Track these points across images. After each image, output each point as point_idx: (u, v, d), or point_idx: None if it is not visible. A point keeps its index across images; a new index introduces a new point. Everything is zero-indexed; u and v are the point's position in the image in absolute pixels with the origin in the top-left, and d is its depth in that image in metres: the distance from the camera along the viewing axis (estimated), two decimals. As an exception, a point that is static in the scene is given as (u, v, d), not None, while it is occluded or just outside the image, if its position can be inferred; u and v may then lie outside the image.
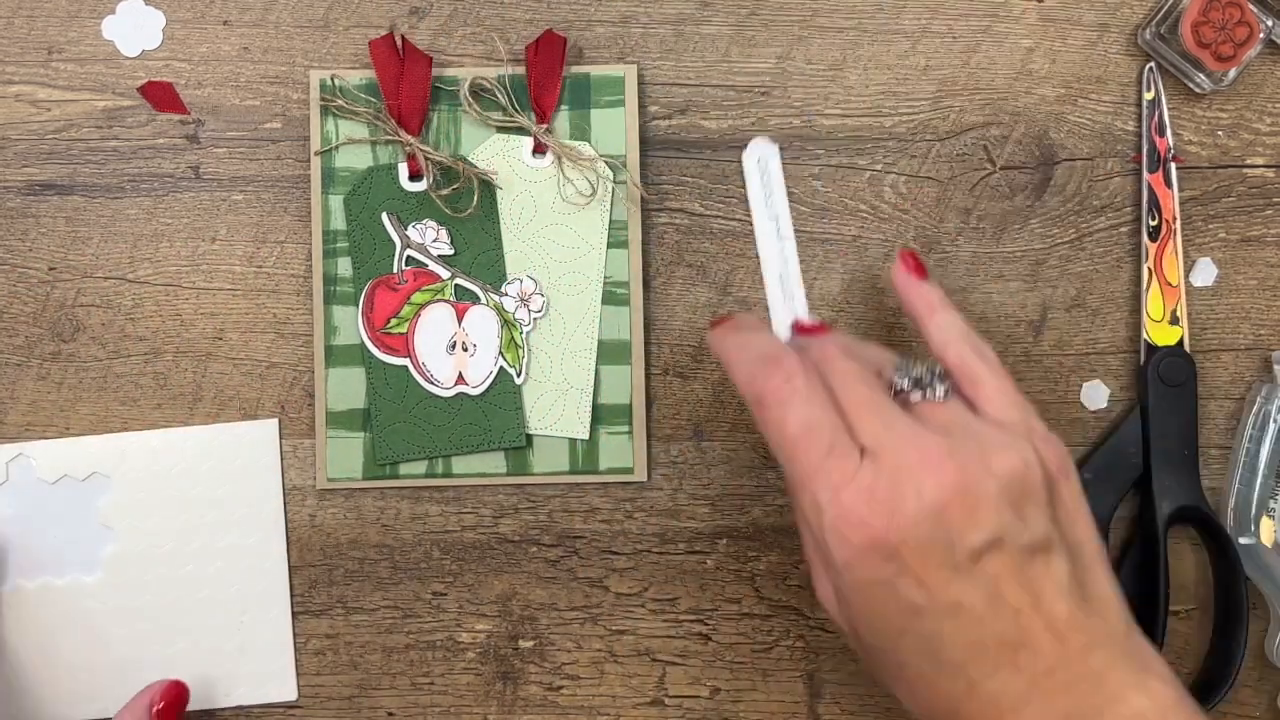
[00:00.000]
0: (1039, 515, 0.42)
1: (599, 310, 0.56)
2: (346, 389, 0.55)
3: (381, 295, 0.55)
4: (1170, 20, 0.56)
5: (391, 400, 0.55)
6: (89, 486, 0.56)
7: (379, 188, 0.55)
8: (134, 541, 0.56)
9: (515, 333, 0.56)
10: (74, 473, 0.56)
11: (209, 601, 0.56)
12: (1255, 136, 0.58)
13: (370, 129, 0.55)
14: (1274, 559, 0.56)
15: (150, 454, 0.56)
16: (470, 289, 0.56)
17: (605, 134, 0.56)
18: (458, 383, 0.55)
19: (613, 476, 0.56)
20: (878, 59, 0.57)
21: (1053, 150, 0.57)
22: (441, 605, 0.56)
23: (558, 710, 0.56)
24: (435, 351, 0.55)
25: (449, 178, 0.55)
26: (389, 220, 0.55)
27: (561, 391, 0.56)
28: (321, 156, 0.55)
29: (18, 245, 0.56)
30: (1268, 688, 0.57)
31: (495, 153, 0.56)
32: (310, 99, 0.55)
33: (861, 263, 0.57)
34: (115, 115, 0.56)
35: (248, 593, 0.56)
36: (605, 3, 0.57)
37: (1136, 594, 0.56)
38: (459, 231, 0.56)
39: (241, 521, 0.56)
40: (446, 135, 0.56)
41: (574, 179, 0.55)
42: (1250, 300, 0.58)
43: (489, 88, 0.55)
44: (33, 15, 0.56)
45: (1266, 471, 0.56)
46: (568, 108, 0.56)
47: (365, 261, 0.55)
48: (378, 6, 0.56)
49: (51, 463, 0.56)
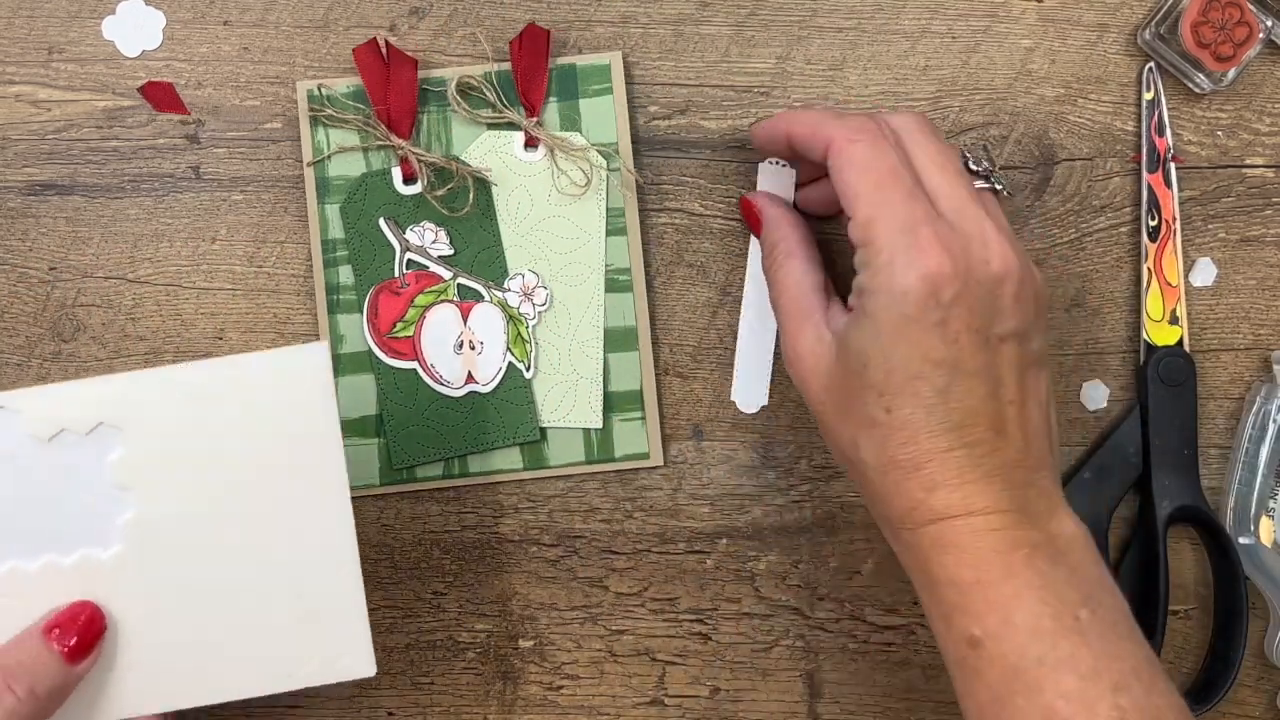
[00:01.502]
0: (1046, 331, 0.48)
1: (603, 299, 0.56)
2: (357, 396, 0.55)
3: (385, 300, 0.55)
4: (1170, 20, 0.56)
5: (403, 404, 0.55)
6: (95, 441, 0.47)
7: (374, 193, 0.55)
8: (157, 505, 0.47)
9: (521, 327, 0.56)
10: (74, 426, 0.47)
11: (259, 570, 0.47)
12: (1255, 136, 0.58)
13: (361, 135, 0.55)
14: (1274, 559, 0.56)
15: (171, 396, 0.47)
16: (473, 287, 0.56)
17: (595, 123, 0.56)
18: (468, 382, 0.55)
19: (630, 463, 0.56)
20: (877, 59, 0.57)
21: (1053, 150, 0.57)
22: (441, 605, 0.56)
23: (558, 710, 0.56)
24: (443, 352, 0.55)
25: (443, 178, 0.55)
26: (387, 225, 0.55)
27: (572, 382, 0.56)
28: (315, 166, 0.55)
29: (18, 245, 0.56)
30: (1268, 688, 0.57)
31: (487, 150, 0.56)
32: (299, 110, 0.55)
33: (861, 263, 0.57)
34: (115, 115, 0.56)
35: (306, 555, 0.48)
36: (605, 3, 0.57)
37: (1137, 594, 0.56)
38: (457, 231, 0.56)
39: (291, 470, 0.47)
40: (438, 136, 0.56)
41: (568, 170, 0.55)
42: (1250, 300, 0.58)
43: (476, 86, 0.55)
44: (33, 15, 0.56)
45: (1266, 471, 0.56)
46: (556, 99, 0.56)
47: (366, 268, 0.55)
48: (378, 6, 0.56)
49: (41, 415, 0.46)
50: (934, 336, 0.45)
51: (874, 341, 0.45)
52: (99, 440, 0.47)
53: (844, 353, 0.47)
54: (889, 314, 0.45)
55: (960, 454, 0.45)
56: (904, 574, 0.47)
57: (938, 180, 0.47)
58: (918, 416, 0.45)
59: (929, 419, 0.45)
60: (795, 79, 0.57)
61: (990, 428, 0.45)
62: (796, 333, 0.49)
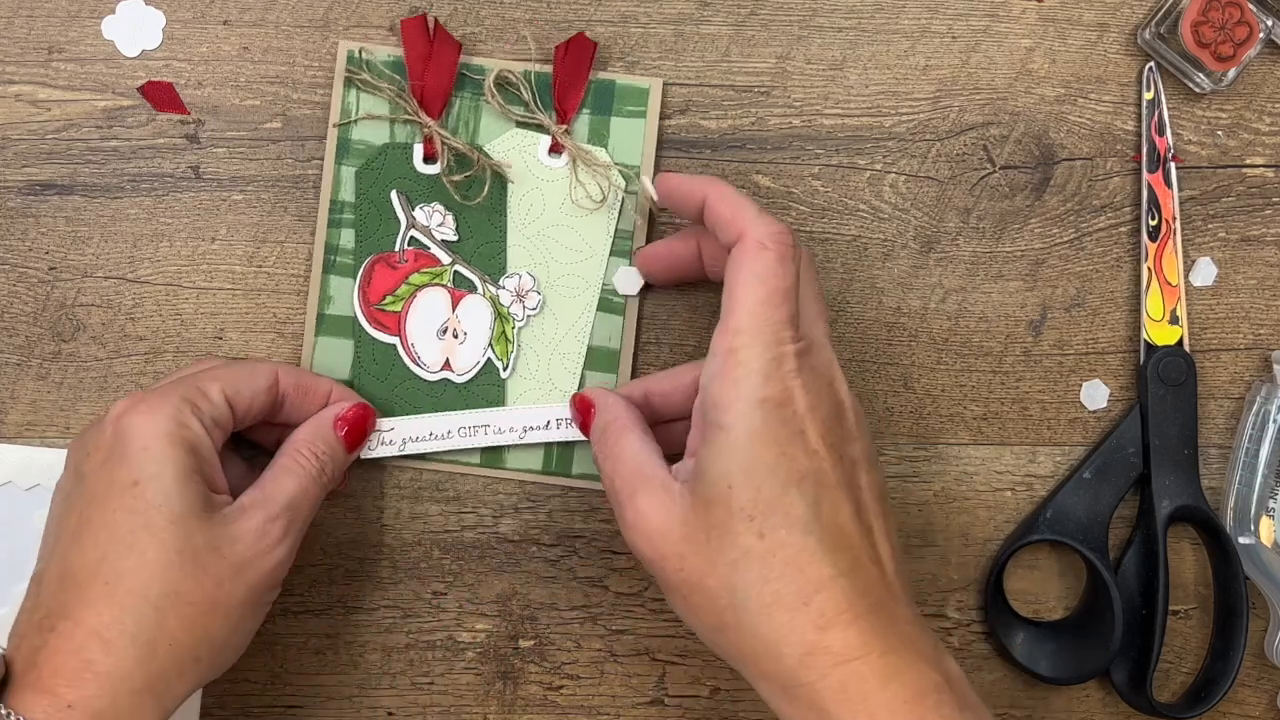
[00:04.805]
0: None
1: (593, 316, 0.56)
2: (332, 359, 0.55)
3: (380, 271, 0.55)
4: (1170, 20, 0.56)
5: (376, 377, 0.55)
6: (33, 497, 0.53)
7: (392, 165, 0.55)
8: None
9: (507, 327, 0.56)
10: (19, 480, 0.53)
11: None
12: (1255, 136, 0.58)
13: (391, 107, 0.55)
14: (1274, 559, 0.56)
15: None
16: (469, 277, 0.56)
17: (622, 143, 0.56)
18: (443, 368, 0.55)
19: (582, 482, 0.56)
20: (877, 59, 0.57)
21: (1052, 150, 0.57)
22: (441, 605, 0.56)
23: (558, 710, 0.56)
24: (426, 334, 0.55)
25: (462, 165, 0.55)
26: (398, 199, 0.55)
27: (545, 391, 0.55)
28: (339, 127, 0.55)
29: (18, 245, 0.56)
30: (1268, 687, 0.57)
31: (511, 147, 0.56)
32: (336, 69, 0.55)
33: (861, 263, 0.57)
34: (115, 115, 0.56)
35: None
36: (605, 3, 0.57)
37: (1136, 593, 0.56)
38: (465, 219, 0.56)
39: None
40: (466, 123, 0.56)
41: (586, 183, 0.55)
42: (1250, 300, 0.58)
43: (514, 82, 0.55)
44: (33, 15, 0.56)
45: (1266, 471, 0.56)
46: (589, 112, 0.56)
47: (369, 236, 0.55)
48: (377, 6, 0.56)
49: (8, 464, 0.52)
50: (796, 447, 0.43)
51: (734, 457, 0.43)
52: (35, 498, 0.52)
53: (702, 485, 0.44)
54: (748, 423, 0.43)
55: (844, 583, 0.42)
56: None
57: (813, 315, 0.47)
58: (794, 537, 0.43)
59: (806, 539, 0.43)
60: (795, 79, 0.57)
61: (863, 552, 0.43)
62: (635, 495, 0.46)
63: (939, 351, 0.57)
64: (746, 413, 0.43)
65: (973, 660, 0.57)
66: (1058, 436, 0.57)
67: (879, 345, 0.57)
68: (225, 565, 0.46)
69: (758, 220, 0.46)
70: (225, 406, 0.49)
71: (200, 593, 0.45)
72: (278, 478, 0.49)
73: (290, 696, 0.56)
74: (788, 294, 0.45)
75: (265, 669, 0.56)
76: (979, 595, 0.57)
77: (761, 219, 0.46)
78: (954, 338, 0.57)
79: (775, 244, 0.45)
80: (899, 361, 0.57)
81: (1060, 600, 0.57)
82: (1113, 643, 0.54)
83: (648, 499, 0.46)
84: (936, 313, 0.57)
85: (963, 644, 0.57)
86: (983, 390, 0.57)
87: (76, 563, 0.45)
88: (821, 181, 0.57)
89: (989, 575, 0.56)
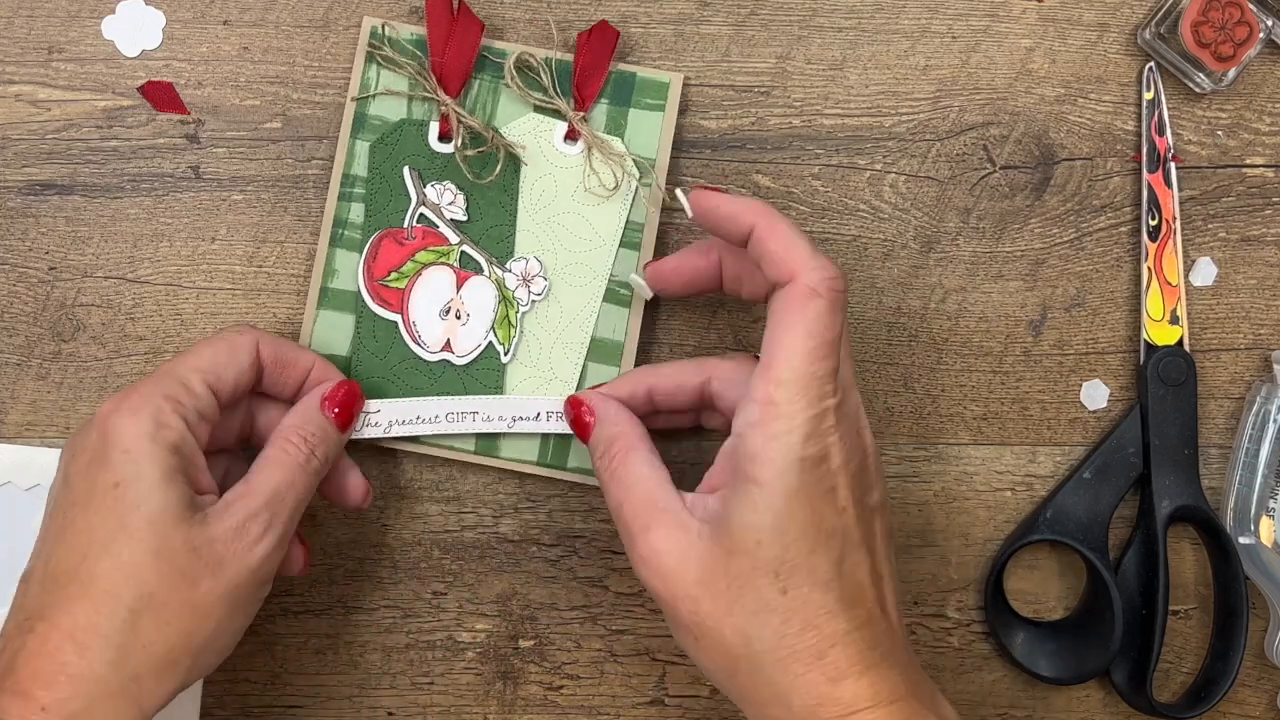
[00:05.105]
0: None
1: (599, 307, 0.56)
2: (333, 334, 0.55)
3: (387, 247, 0.55)
4: (1170, 20, 0.56)
5: (375, 354, 0.55)
6: (33, 498, 0.52)
7: (407, 141, 0.55)
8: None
9: (511, 311, 0.55)
10: (19, 480, 0.53)
11: None
12: (1255, 136, 0.58)
13: (410, 84, 0.55)
14: (1274, 559, 0.56)
15: None
16: (475, 258, 0.55)
17: (639, 135, 0.55)
18: (444, 349, 0.55)
19: (577, 476, 0.55)
20: (877, 59, 0.57)
21: (1053, 150, 0.57)
22: (441, 605, 0.56)
23: (558, 710, 0.56)
24: (428, 314, 0.55)
25: (477, 143, 0.55)
26: (410, 175, 0.55)
27: (545, 379, 0.55)
28: (356, 101, 0.55)
29: (18, 245, 0.56)
30: (1268, 687, 0.57)
31: (528, 130, 0.55)
32: (359, 43, 0.55)
33: (861, 263, 0.57)
34: (115, 115, 0.56)
35: None
36: (605, 3, 0.57)
37: (1136, 593, 0.56)
38: (476, 200, 0.55)
39: None
40: (484, 105, 0.55)
41: (600, 171, 0.55)
42: (1250, 300, 0.58)
43: (535, 66, 0.55)
44: (33, 15, 0.56)
45: (1266, 471, 0.56)
46: (608, 102, 0.55)
47: (378, 211, 0.55)
48: (377, 7, 0.56)
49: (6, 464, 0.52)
50: (827, 505, 0.43)
51: (767, 514, 0.42)
52: (35, 498, 0.52)
53: (727, 536, 0.43)
54: (785, 483, 0.42)
55: (858, 637, 0.43)
56: (903, 573, 0.47)
57: (844, 354, 0.45)
58: (815, 595, 0.42)
59: (826, 597, 0.42)
60: (795, 79, 0.57)
61: (875, 604, 0.44)
62: (649, 530, 0.45)
63: (939, 351, 0.57)
64: (785, 471, 0.42)
65: (973, 660, 0.57)
66: (1058, 436, 0.57)
67: (879, 345, 0.57)
68: (203, 565, 0.45)
69: (811, 262, 0.44)
70: (209, 396, 0.48)
71: (176, 595, 0.44)
72: (262, 469, 0.48)
73: (290, 696, 0.56)
74: (834, 346, 0.43)
75: (265, 669, 0.56)
76: (979, 595, 0.57)
77: (815, 261, 0.44)
78: (954, 338, 0.57)
79: (828, 291, 0.44)
80: (899, 361, 0.57)
81: (1060, 600, 0.57)
82: (1113, 643, 0.54)
83: (663, 535, 0.45)
84: (936, 313, 0.57)
85: (963, 644, 0.57)
86: (983, 390, 0.57)
87: (57, 565, 0.45)
88: (821, 181, 0.57)
89: (989, 575, 0.56)
